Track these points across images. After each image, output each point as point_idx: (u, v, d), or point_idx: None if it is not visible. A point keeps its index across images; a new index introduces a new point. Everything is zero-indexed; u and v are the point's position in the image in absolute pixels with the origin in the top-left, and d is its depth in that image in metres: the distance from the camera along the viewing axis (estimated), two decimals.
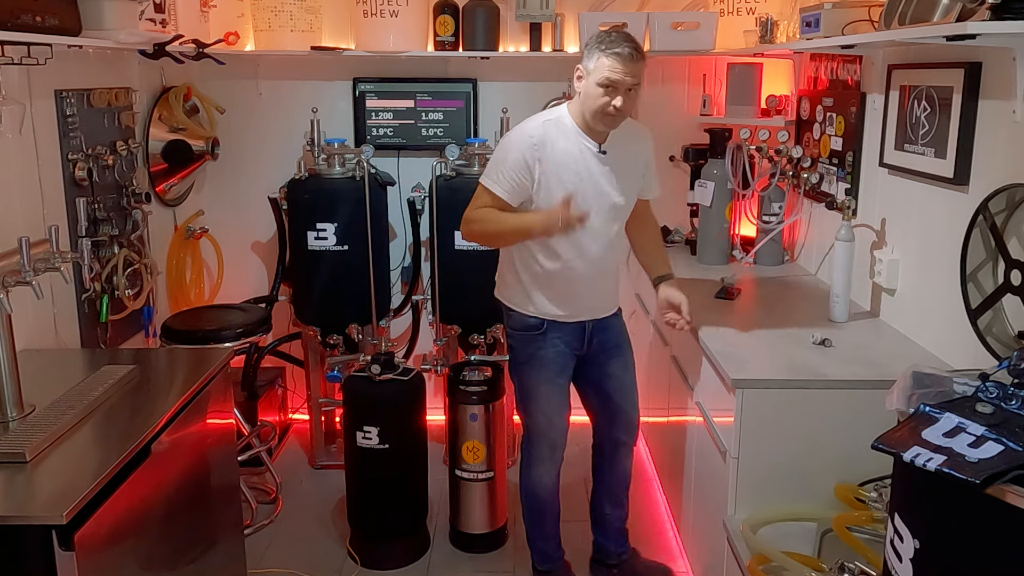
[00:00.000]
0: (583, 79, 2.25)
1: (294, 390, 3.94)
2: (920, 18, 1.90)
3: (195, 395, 2.02)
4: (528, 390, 2.53)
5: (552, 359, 2.49)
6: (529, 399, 2.54)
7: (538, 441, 2.58)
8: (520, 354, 2.52)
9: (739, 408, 2.11)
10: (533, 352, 2.49)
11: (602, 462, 2.71)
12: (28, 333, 2.31)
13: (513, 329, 2.53)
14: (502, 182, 2.31)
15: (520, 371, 2.54)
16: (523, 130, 2.35)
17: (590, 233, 2.35)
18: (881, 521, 1.81)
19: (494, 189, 2.32)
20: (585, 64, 2.24)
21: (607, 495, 2.74)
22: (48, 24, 2.21)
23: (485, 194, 2.35)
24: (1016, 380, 1.39)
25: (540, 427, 2.56)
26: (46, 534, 1.44)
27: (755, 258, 3.29)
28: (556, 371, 2.51)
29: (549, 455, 2.59)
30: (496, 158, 2.36)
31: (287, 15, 3.34)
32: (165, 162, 3.31)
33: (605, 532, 2.79)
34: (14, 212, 2.32)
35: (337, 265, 3.34)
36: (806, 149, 3.17)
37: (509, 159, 2.31)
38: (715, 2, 3.44)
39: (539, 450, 2.58)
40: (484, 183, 2.35)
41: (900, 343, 2.37)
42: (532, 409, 2.55)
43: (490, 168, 2.36)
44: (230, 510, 2.36)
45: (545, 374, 2.50)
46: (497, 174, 2.33)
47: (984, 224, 1.86)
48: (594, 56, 2.20)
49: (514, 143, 2.33)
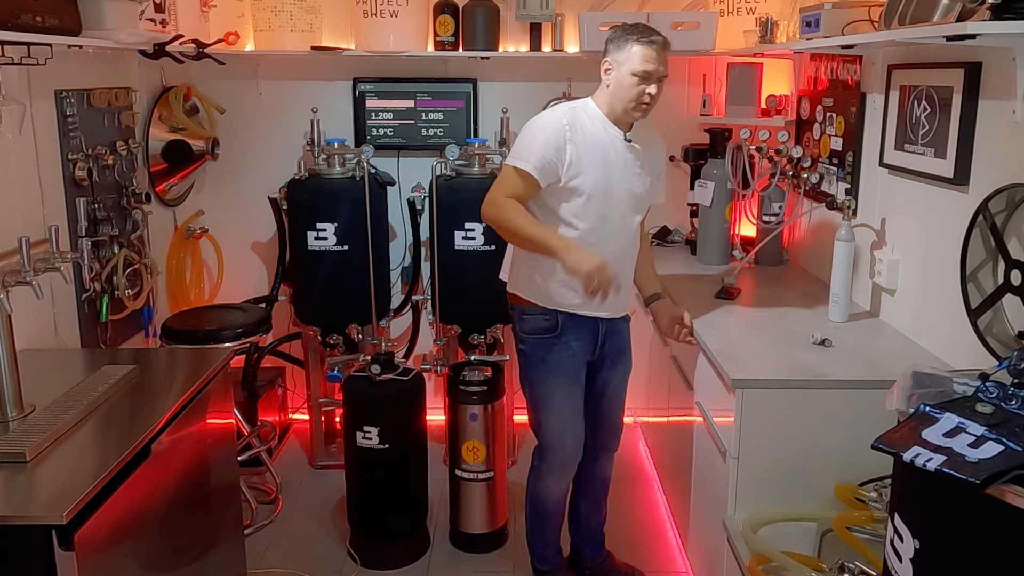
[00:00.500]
0: (611, 71, 2.27)
1: (294, 390, 3.94)
2: (920, 18, 1.90)
3: (195, 395, 2.02)
4: (542, 398, 2.46)
5: (567, 364, 2.43)
6: (542, 408, 2.47)
7: (552, 454, 2.51)
8: (533, 360, 2.44)
9: (739, 408, 2.11)
10: (546, 356, 2.42)
11: (585, 465, 2.63)
12: (28, 333, 2.31)
13: (525, 333, 2.44)
14: (532, 159, 2.23)
15: (533, 379, 2.46)
16: (552, 115, 2.30)
17: (615, 222, 2.35)
18: (881, 521, 1.81)
19: (524, 167, 2.23)
20: (614, 56, 2.26)
21: (586, 499, 2.72)
22: (48, 24, 2.21)
23: (514, 175, 2.26)
24: (1016, 380, 1.39)
25: (555, 438, 2.49)
26: (46, 534, 1.44)
27: (755, 258, 3.29)
28: (571, 378, 2.45)
29: (560, 467, 2.53)
30: (523, 141, 2.28)
31: (287, 15, 3.34)
32: (165, 162, 3.31)
33: (581, 535, 2.77)
34: (14, 212, 2.32)
35: (337, 265, 3.34)
36: (806, 149, 3.17)
37: (540, 138, 2.25)
38: (715, 2, 3.44)
39: (552, 462, 2.52)
40: (513, 164, 2.26)
41: (900, 343, 2.37)
42: (546, 419, 2.48)
43: (518, 150, 2.27)
44: (230, 510, 2.36)
45: (560, 380, 2.44)
46: (527, 153, 2.24)
47: (984, 224, 1.86)
48: (626, 47, 2.23)
49: (544, 125, 2.28)
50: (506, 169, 2.29)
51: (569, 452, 2.52)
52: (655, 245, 3.68)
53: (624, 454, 3.64)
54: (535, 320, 2.41)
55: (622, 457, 3.61)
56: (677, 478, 2.96)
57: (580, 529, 2.76)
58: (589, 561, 2.76)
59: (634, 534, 3.04)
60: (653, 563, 2.87)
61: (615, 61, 2.26)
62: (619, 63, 2.25)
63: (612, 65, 2.27)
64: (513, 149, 2.31)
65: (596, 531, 2.78)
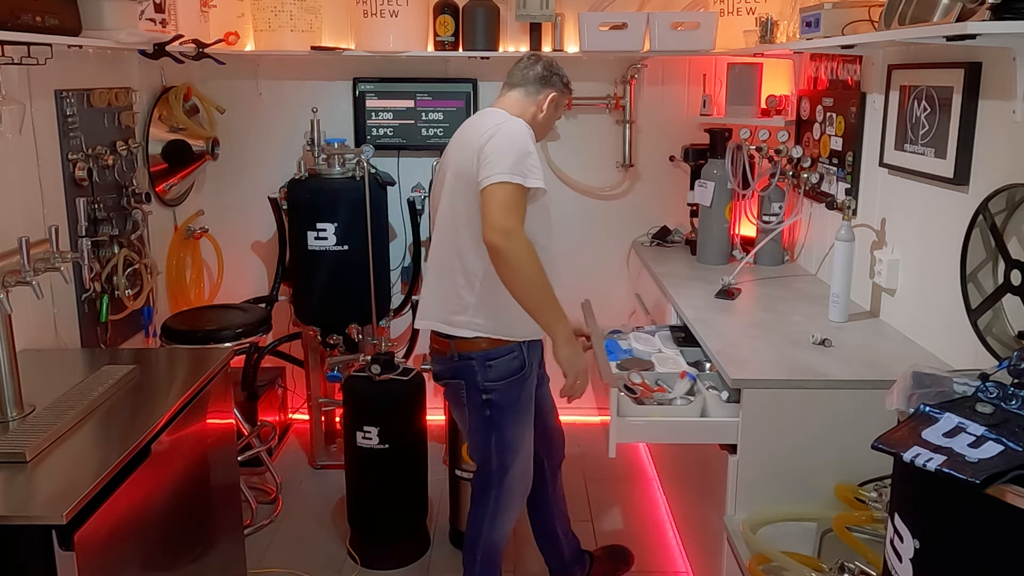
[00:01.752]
0: (549, 106, 2.34)
1: (294, 390, 3.94)
2: (920, 18, 1.90)
3: (195, 395, 2.02)
4: (511, 443, 2.28)
5: (530, 400, 2.31)
6: (510, 452, 2.29)
7: (514, 491, 2.35)
8: (504, 406, 2.24)
9: (739, 408, 2.11)
10: (519, 396, 2.26)
11: (548, 488, 2.56)
12: (28, 333, 2.31)
13: (493, 382, 2.22)
14: (538, 174, 2.08)
15: (504, 425, 2.26)
16: (521, 123, 2.18)
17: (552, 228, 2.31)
18: (881, 521, 1.81)
19: (535, 183, 2.05)
20: (559, 98, 2.35)
21: (560, 519, 2.65)
22: (48, 24, 2.21)
23: (522, 195, 2.04)
24: (1016, 380, 1.39)
25: (519, 476, 2.34)
26: (46, 534, 1.44)
27: (755, 258, 3.29)
28: (532, 409, 2.34)
29: (521, 502, 2.41)
30: (518, 153, 2.06)
31: (287, 15, 3.34)
32: (165, 162, 3.31)
33: (567, 557, 2.66)
34: (14, 212, 2.32)
35: (337, 265, 3.34)
36: (806, 149, 3.17)
37: (534, 152, 2.11)
38: (715, 2, 3.44)
39: (514, 499, 2.37)
40: (519, 181, 2.02)
41: (900, 343, 2.37)
42: (513, 462, 2.30)
43: (516, 163, 2.04)
44: (230, 510, 2.36)
45: (527, 418, 2.32)
46: (530, 168, 2.06)
47: (984, 224, 1.86)
48: (565, 92, 2.38)
49: (526, 136, 2.14)
50: (508, 187, 2.01)
51: (530, 483, 2.42)
52: (655, 245, 3.69)
53: (624, 454, 3.65)
54: (504, 364, 2.22)
55: (622, 457, 3.63)
56: (677, 478, 2.96)
57: (563, 552, 2.65)
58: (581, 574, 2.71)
59: (634, 534, 3.04)
60: (653, 563, 2.87)
61: (558, 102, 2.36)
62: (559, 104, 2.37)
63: (555, 103, 2.34)
64: (504, 163, 2.03)
65: (575, 542, 2.71)
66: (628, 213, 3.83)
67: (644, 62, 3.67)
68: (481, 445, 2.31)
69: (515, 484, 2.34)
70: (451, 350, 2.24)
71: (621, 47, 3.35)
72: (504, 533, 2.38)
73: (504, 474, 2.30)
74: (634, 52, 3.40)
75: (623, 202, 3.84)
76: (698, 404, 2.22)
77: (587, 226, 3.82)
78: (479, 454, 2.34)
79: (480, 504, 2.36)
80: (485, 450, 2.30)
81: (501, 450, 2.28)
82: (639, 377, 2.36)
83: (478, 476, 2.37)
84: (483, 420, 2.26)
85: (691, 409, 2.22)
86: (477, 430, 2.30)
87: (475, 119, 2.31)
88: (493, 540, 2.36)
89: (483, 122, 2.20)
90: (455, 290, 2.20)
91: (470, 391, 2.25)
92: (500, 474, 2.31)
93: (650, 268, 3.31)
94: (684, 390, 2.30)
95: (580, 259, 3.77)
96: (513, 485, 2.34)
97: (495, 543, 2.37)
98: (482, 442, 2.30)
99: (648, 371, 2.42)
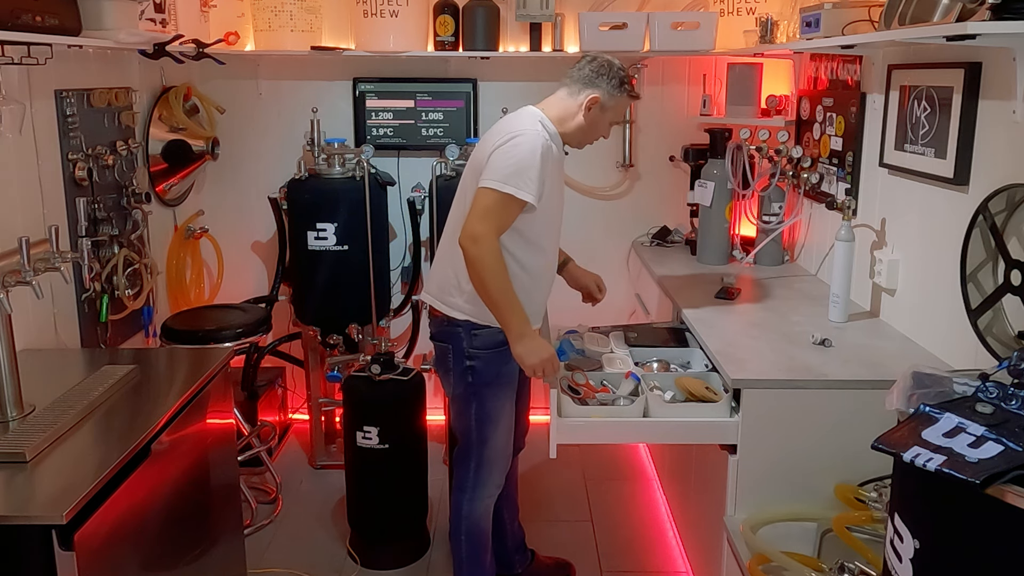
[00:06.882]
0: (593, 109, 2.26)
1: (294, 390, 3.94)
2: (920, 18, 1.90)
3: (195, 395, 2.02)
4: (491, 413, 2.34)
5: (514, 374, 2.33)
6: (490, 423, 2.35)
7: (495, 469, 2.41)
8: (484, 375, 2.31)
9: (739, 408, 2.11)
10: (500, 369, 2.31)
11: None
12: (28, 333, 2.31)
13: (478, 349, 2.29)
14: (533, 188, 2.12)
15: (484, 395, 2.33)
16: (537, 139, 2.17)
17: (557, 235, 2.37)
18: (881, 521, 1.81)
19: (525, 197, 2.11)
20: (605, 101, 2.26)
21: (509, 505, 2.66)
22: (48, 24, 2.21)
23: (508, 203, 2.12)
24: (1016, 380, 1.39)
25: (499, 451, 2.39)
26: (46, 534, 1.44)
27: (755, 258, 3.30)
28: (515, 387, 2.39)
29: (499, 479, 2.44)
30: (519, 164, 2.12)
31: (287, 15, 3.34)
32: (165, 162, 3.31)
33: (508, 545, 2.69)
34: (14, 212, 2.32)
35: (337, 265, 3.34)
36: (806, 149, 3.17)
37: (536, 164, 2.13)
38: (715, 2, 3.44)
39: (494, 478, 2.41)
40: (508, 190, 2.10)
41: (900, 343, 2.37)
42: (492, 433, 2.36)
43: (513, 175, 2.11)
44: (230, 510, 2.36)
45: (509, 392, 2.37)
46: (526, 181, 2.11)
47: (984, 224, 1.86)
48: (619, 96, 2.28)
49: (533, 149, 2.15)
50: (495, 195, 2.12)
51: (508, 462, 2.47)
52: (655, 245, 3.69)
53: (624, 454, 3.65)
54: (489, 335, 2.27)
55: (622, 457, 3.63)
56: (677, 478, 2.96)
57: (506, 539, 2.68)
58: (520, 567, 2.73)
59: (634, 534, 3.04)
60: (653, 563, 2.87)
61: (604, 105, 2.27)
62: (606, 108, 2.28)
63: (601, 106, 2.27)
64: (501, 172, 2.12)
65: (520, 534, 2.75)
66: (628, 213, 3.83)
67: (644, 62, 3.67)
68: (463, 414, 2.38)
69: (494, 459, 2.40)
70: (443, 315, 2.36)
71: (621, 47, 3.34)
72: (483, 509, 2.43)
73: (483, 446, 2.37)
74: (634, 52, 3.39)
75: (623, 202, 3.84)
76: (640, 404, 2.21)
77: (587, 226, 3.82)
78: (461, 424, 2.41)
79: (460, 478, 2.44)
80: (466, 419, 2.37)
81: (481, 419, 2.35)
82: (583, 377, 2.37)
83: (459, 448, 2.44)
84: (466, 387, 2.35)
85: (632, 410, 2.21)
86: (460, 397, 2.38)
87: (507, 120, 2.32)
88: (474, 517, 2.42)
89: (508, 126, 2.25)
90: (453, 274, 2.30)
91: (456, 356, 2.34)
92: (480, 446, 2.38)
93: (650, 268, 3.31)
94: (628, 390, 2.31)
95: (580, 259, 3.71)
96: (493, 460, 2.40)
97: (476, 520, 2.43)
98: (464, 411, 2.38)
99: (595, 371, 2.42)
